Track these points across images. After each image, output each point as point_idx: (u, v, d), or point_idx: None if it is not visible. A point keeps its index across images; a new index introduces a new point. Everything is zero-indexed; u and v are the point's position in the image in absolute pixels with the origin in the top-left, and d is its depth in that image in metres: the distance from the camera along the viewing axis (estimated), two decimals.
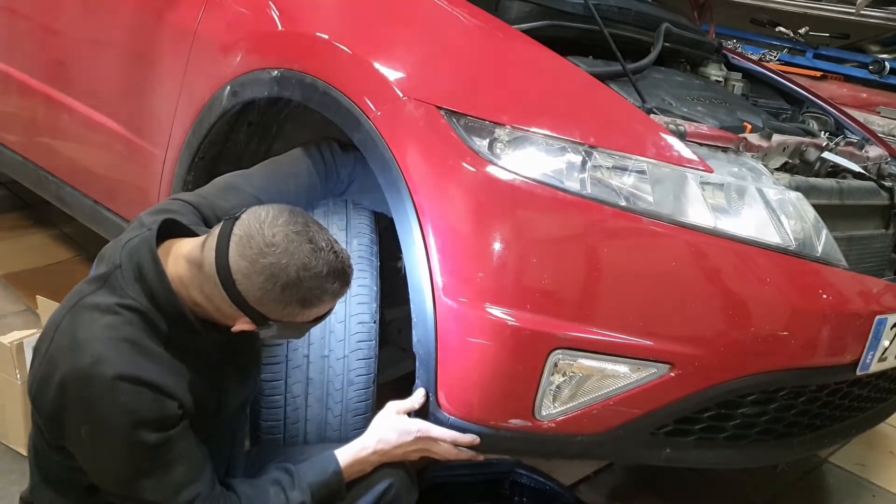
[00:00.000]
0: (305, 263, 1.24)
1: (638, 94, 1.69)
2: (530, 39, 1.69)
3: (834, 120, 2.25)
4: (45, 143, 2.54)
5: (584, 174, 1.42)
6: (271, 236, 1.24)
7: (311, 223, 1.29)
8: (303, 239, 1.25)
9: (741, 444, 1.60)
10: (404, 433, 1.45)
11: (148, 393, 1.21)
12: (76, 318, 1.25)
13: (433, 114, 1.46)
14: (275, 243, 1.24)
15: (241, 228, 1.25)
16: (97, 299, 1.26)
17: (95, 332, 1.22)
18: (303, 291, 1.25)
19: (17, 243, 3.03)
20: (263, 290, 1.24)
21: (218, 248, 1.24)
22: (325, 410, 1.57)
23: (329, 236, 1.30)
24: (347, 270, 1.31)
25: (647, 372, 1.43)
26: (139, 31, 2.08)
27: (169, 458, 1.24)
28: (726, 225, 1.46)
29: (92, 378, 1.19)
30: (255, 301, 1.25)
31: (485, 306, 1.38)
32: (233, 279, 1.24)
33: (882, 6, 4.60)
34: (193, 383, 1.29)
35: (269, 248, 1.23)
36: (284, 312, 1.27)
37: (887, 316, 1.62)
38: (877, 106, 4.30)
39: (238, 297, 1.24)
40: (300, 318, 1.30)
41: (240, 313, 1.27)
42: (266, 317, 1.27)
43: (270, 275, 1.23)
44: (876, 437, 2.51)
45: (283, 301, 1.25)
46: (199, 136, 1.84)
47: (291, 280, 1.24)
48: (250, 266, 1.23)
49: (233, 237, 1.24)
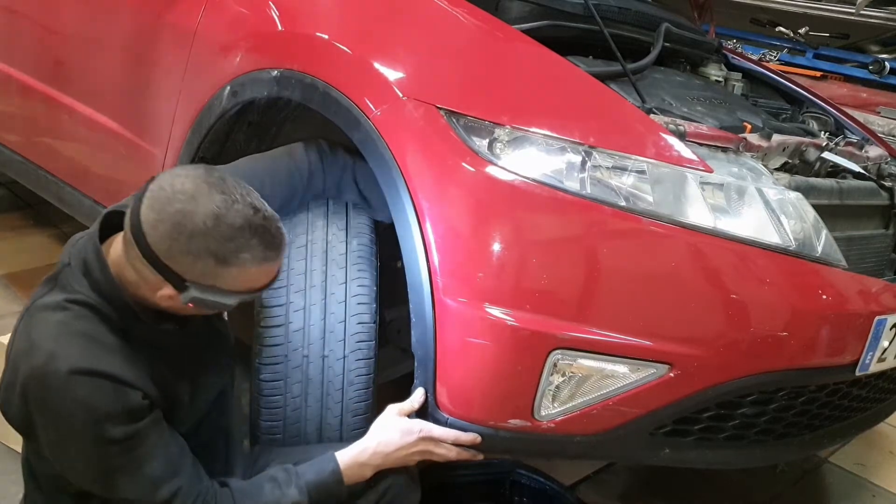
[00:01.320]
0: (214, 211, 1.18)
1: (638, 94, 1.69)
2: (530, 39, 1.69)
3: (834, 120, 2.25)
4: (45, 143, 2.55)
5: (584, 174, 1.42)
6: (180, 185, 1.20)
7: (229, 179, 1.24)
8: (214, 189, 1.20)
9: (741, 444, 1.60)
10: (406, 434, 1.44)
11: (107, 385, 1.18)
12: (31, 320, 1.24)
13: (433, 114, 1.46)
14: (183, 191, 1.19)
15: (154, 185, 1.22)
16: (48, 299, 1.25)
17: (48, 331, 1.20)
18: (214, 244, 1.19)
19: (17, 243, 3.03)
20: (171, 239, 1.18)
21: (132, 209, 1.21)
22: (325, 410, 1.57)
23: (255, 197, 1.24)
24: (272, 230, 1.24)
25: (646, 372, 1.43)
26: (139, 31, 2.08)
27: (141, 453, 1.21)
28: (726, 225, 1.46)
29: (47, 376, 1.17)
30: (166, 254, 1.19)
31: (484, 306, 1.38)
32: (142, 231, 1.19)
33: (882, 6, 4.60)
34: (158, 374, 1.26)
35: (175, 195, 1.19)
36: (198, 270, 1.20)
37: (887, 316, 1.62)
38: (877, 106, 4.30)
39: (149, 252, 1.19)
40: (221, 281, 1.22)
41: (158, 276, 1.21)
42: (181, 276, 1.20)
43: (176, 223, 1.18)
44: (876, 437, 2.51)
45: (192, 253, 1.19)
46: (198, 136, 1.84)
47: (198, 229, 1.18)
48: (157, 216, 1.19)
49: (145, 195, 1.21)
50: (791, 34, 4.99)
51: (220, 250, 1.20)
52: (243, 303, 1.30)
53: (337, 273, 1.58)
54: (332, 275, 1.57)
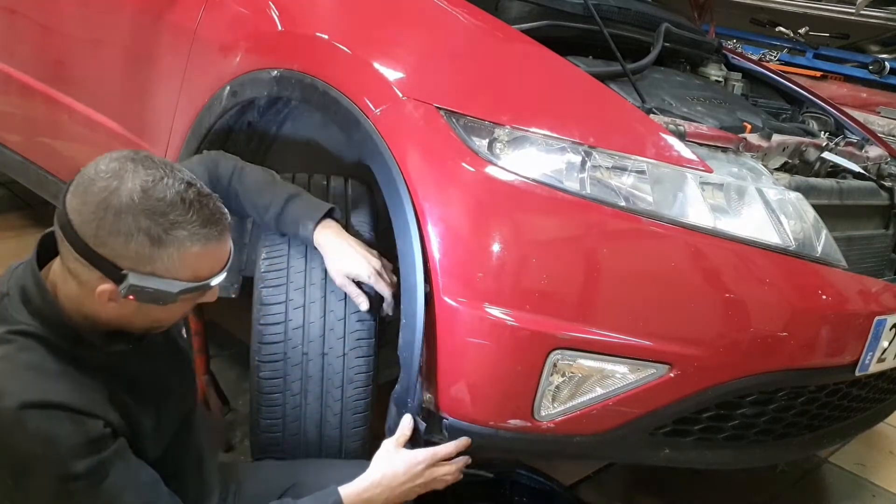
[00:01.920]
0: (141, 185, 1.09)
1: (638, 94, 1.69)
2: (530, 39, 1.69)
3: (834, 120, 2.25)
4: (45, 143, 2.55)
5: (584, 174, 1.42)
6: (104, 165, 1.12)
7: (156, 158, 1.15)
8: (140, 165, 1.11)
9: (740, 444, 1.60)
10: (412, 465, 1.40)
11: (62, 415, 1.08)
12: None
13: (433, 114, 1.46)
14: (107, 170, 1.11)
15: (79, 173, 1.13)
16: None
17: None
18: (145, 221, 1.09)
19: (17, 243, 3.02)
20: (97, 219, 1.08)
21: (59, 202, 1.13)
22: (325, 408, 1.57)
23: (186, 173, 1.15)
24: (209, 205, 1.14)
25: (646, 372, 1.43)
26: (139, 31, 2.08)
27: (108, 486, 1.11)
28: (726, 225, 1.46)
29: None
30: (95, 240, 1.09)
31: (484, 306, 1.38)
32: (68, 219, 1.10)
33: (882, 6, 4.59)
34: (118, 401, 1.17)
35: (98, 175, 1.10)
36: (132, 253, 1.10)
37: (886, 317, 1.62)
38: (877, 106, 4.30)
39: (77, 240, 1.10)
40: (160, 265, 1.11)
41: (93, 270, 1.11)
42: (115, 264, 1.10)
43: (101, 200, 1.09)
44: (876, 437, 2.51)
45: (122, 233, 1.09)
46: (198, 136, 1.84)
47: (125, 204, 1.09)
48: (81, 199, 1.10)
49: (70, 184, 1.12)
50: (791, 34, 4.99)
51: (153, 227, 1.10)
52: (194, 298, 1.19)
53: None
54: None
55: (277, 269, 1.57)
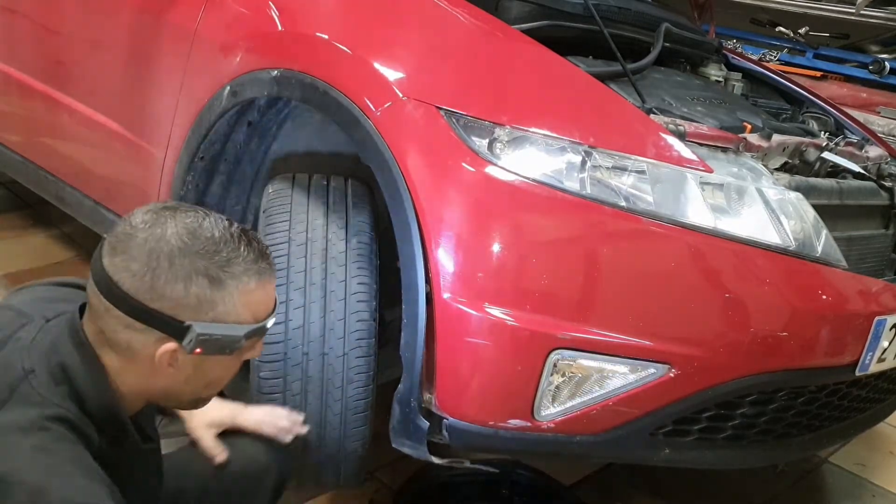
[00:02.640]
0: (187, 227, 1.04)
1: (638, 94, 1.69)
2: (530, 39, 1.69)
3: (834, 120, 2.25)
4: (45, 143, 2.55)
5: (584, 174, 1.42)
6: (138, 219, 1.05)
7: (188, 205, 1.10)
8: (177, 212, 1.06)
9: (740, 444, 1.60)
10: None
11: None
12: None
13: (433, 114, 1.46)
14: (143, 221, 1.04)
15: (106, 238, 1.06)
16: (11, 418, 0.99)
17: (23, 462, 0.95)
18: (199, 261, 1.03)
19: (17, 243, 3.02)
20: (150, 271, 1.01)
21: (93, 269, 1.05)
22: (325, 408, 1.57)
23: (221, 215, 1.10)
24: (254, 238, 1.10)
25: (646, 372, 1.43)
26: (139, 31, 2.08)
27: None
28: (726, 225, 1.46)
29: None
30: (150, 295, 1.01)
31: (484, 306, 1.38)
32: (114, 282, 1.02)
33: (882, 6, 4.59)
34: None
35: (136, 229, 1.03)
36: (192, 300, 1.03)
37: (886, 317, 1.62)
38: (877, 106, 4.29)
39: (130, 301, 1.01)
40: (222, 309, 1.05)
41: (149, 332, 1.03)
42: (176, 318, 1.03)
43: (150, 251, 1.02)
44: (876, 437, 2.51)
45: (180, 279, 1.02)
46: (198, 136, 1.84)
47: (176, 248, 1.02)
48: (125, 255, 1.02)
49: (101, 249, 1.05)
50: (791, 34, 4.99)
51: (210, 267, 1.04)
52: (252, 346, 1.13)
53: (337, 271, 1.58)
54: (332, 272, 1.58)
55: (277, 270, 1.57)
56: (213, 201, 1.94)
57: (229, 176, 1.93)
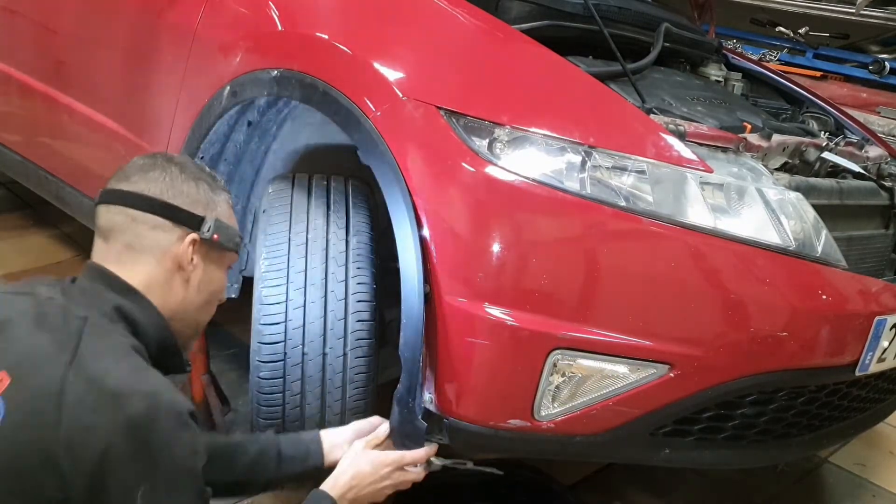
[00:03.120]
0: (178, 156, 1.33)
1: (638, 94, 1.69)
2: (530, 39, 1.69)
3: (834, 120, 2.25)
4: (45, 143, 2.55)
5: (584, 174, 1.42)
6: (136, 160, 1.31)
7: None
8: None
9: (740, 444, 1.60)
10: (379, 466, 1.43)
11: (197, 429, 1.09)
12: (88, 373, 1.04)
13: (433, 114, 1.46)
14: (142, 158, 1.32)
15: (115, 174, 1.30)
16: (96, 348, 1.07)
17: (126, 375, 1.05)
18: (197, 171, 1.29)
19: (17, 243, 3.02)
20: (167, 175, 1.25)
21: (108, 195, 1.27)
22: (325, 408, 1.57)
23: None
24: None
25: (646, 372, 1.43)
26: (139, 31, 2.08)
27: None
28: (726, 225, 1.46)
29: (155, 422, 1.02)
30: (170, 193, 1.24)
31: (484, 306, 1.38)
32: (136, 192, 1.24)
33: (882, 6, 4.59)
34: None
35: (138, 160, 1.30)
36: (202, 196, 1.27)
37: (886, 316, 1.62)
38: (877, 106, 4.29)
39: (153, 202, 1.23)
40: (221, 212, 1.29)
41: (171, 227, 1.23)
42: (192, 212, 1.25)
43: (161, 165, 1.27)
44: (876, 437, 2.51)
45: (191, 179, 1.27)
46: (198, 136, 1.84)
47: (179, 161, 1.29)
48: (139, 174, 1.26)
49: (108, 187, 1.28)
50: (791, 34, 4.99)
51: (205, 177, 1.29)
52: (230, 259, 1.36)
53: (337, 270, 1.58)
54: (332, 272, 1.58)
55: (277, 269, 1.57)
56: None
57: (229, 176, 1.93)
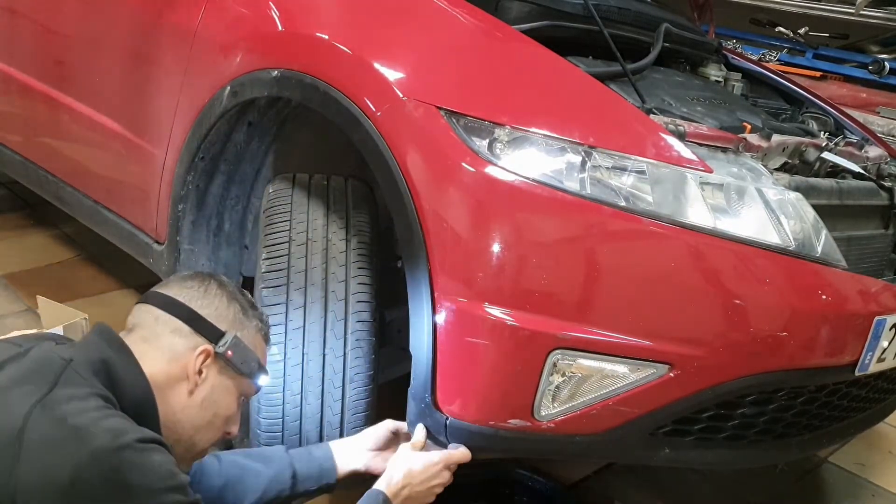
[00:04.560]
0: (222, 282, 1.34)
1: (638, 94, 1.69)
2: (530, 39, 1.69)
3: (833, 120, 2.25)
4: (45, 143, 2.55)
5: (584, 174, 1.42)
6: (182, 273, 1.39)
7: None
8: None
9: (740, 444, 1.60)
10: (429, 465, 1.44)
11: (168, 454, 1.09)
12: (54, 412, 1.05)
13: (433, 114, 1.46)
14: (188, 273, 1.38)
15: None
16: (66, 392, 1.08)
17: (94, 414, 1.06)
18: (238, 295, 1.32)
19: (17, 243, 3.03)
20: (202, 286, 1.29)
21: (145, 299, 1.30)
22: (325, 408, 1.57)
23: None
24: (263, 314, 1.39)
25: (646, 372, 1.43)
26: (139, 31, 2.08)
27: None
28: (726, 225, 1.46)
29: (120, 451, 1.03)
30: (199, 303, 1.27)
31: (484, 306, 1.39)
32: (169, 296, 1.27)
33: (882, 6, 4.60)
34: None
35: (185, 278, 1.34)
36: (231, 313, 1.29)
37: (886, 316, 1.62)
38: (877, 106, 4.30)
39: (182, 308, 1.26)
40: (247, 335, 1.30)
41: (191, 334, 1.25)
42: (215, 326, 1.27)
43: (201, 280, 1.31)
44: (876, 437, 2.51)
45: (225, 296, 1.30)
46: (199, 136, 1.84)
47: (218, 279, 1.33)
48: (180, 284, 1.31)
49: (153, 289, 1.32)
50: (791, 34, 4.99)
51: (243, 301, 1.32)
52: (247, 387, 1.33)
53: (337, 271, 1.58)
54: (332, 272, 1.58)
55: (278, 270, 1.57)
56: (213, 201, 1.94)
57: (229, 176, 1.93)
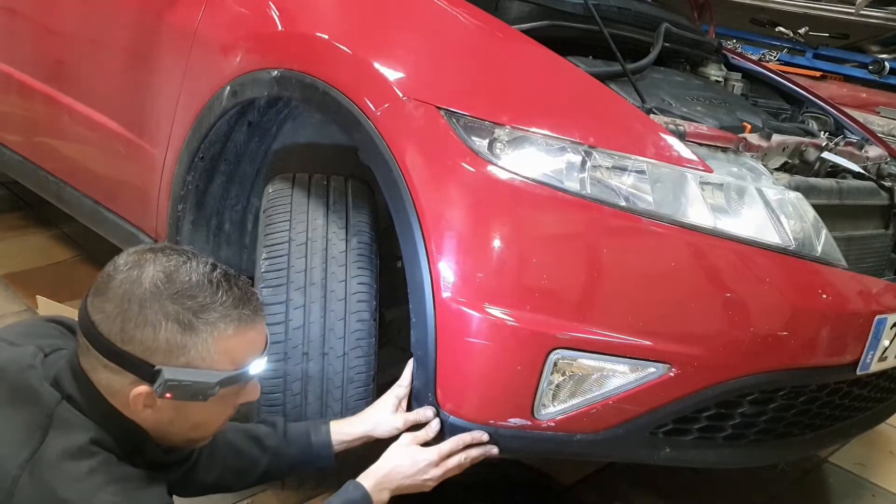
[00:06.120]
0: (164, 270, 1.04)
1: (638, 94, 1.69)
2: (530, 39, 1.69)
3: (834, 120, 2.25)
4: (45, 143, 2.55)
5: (584, 174, 1.42)
6: (122, 259, 1.06)
7: (177, 247, 1.11)
8: (159, 254, 1.07)
9: (740, 443, 1.60)
10: (418, 462, 1.42)
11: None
12: (44, 477, 0.99)
13: (433, 114, 1.46)
14: (125, 263, 1.05)
15: (99, 274, 1.08)
16: (58, 446, 1.01)
17: (85, 486, 1.00)
18: (172, 306, 1.03)
19: (17, 243, 3.02)
20: (121, 313, 1.02)
21: (80, 305, 1.08)
22: (325, 408, 1.57)
23: (211, 259, 1.10)
24: (239, 284, 1.09)
25: (646, 371, 1.43)
26: (139, 31, 2.08)
27: None
28: (726, 225, 1.46)
29: None
30: (121, 337, 1.03)
31: (484, 306, 1.39)
32: (91, 321, 1.04)
33: (882, 6, 4.60)
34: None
35: (116, 270, 1.05)
36: (162, 344, 1.03)
37: (887, 316, 1.62)
38: (877, 106, 4.30)
39: (102, 342, 1.03)
40: (195, 354, 1.05)
41: (122, 373, 1.04)
42: (145, 361, 1.03)
43: (123, 293, 1.03)
44: (876, 437, 2.51)
45: (150, 323, 1.02)
46: (198, 136, 1.84)
47: (148, 292, 1.02)
48: (102, 297, 1.04)
49: (91, 287, 1.08)
50: (791, 34, 5.00)
51: (181, 313, 1.03)
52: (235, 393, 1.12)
53: (337, 270, 1.58)
54: (332, 272, 1.58)
55: (277, 269, 1.57)
56: (213, 201, 1.94)
57: (229, 176, 1.93)
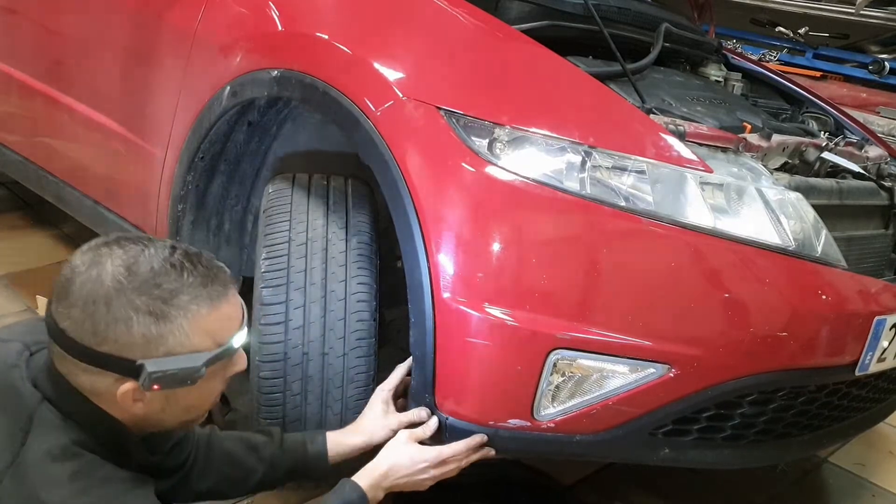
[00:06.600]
0: (123, 264, 1.02)
1: (638, 94, 1.69)
2: (530, 39, 1.69)
3: (834, 120, 2.25)
4: (45, 143, 2.55)
5: (584, 174, 1.42)
6: (78, 259, 1.03)
7: (131, 235, 1.08)
8: (114, 247, 1.04)
9: (740, 444, 1.60)
10: (416, 462, 1.42)
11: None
12: (27, 482, 0.99)
13: (433, 114, 1.46)
14: (81, 263, 1.03)
15: (55, 281, 1.05)
16: (40, 448, 1.01)
17: (66, 491, 0.99)
18: (139, 299, 1.01)
19: (17, 243, 3.02)
20: (90, 317, 1.00)
21: (45, 313, 1.05)
22: (325, 408, 1.57)
23: (168, 241, 1.08)
24: (202, 262, 1.07)
25: (645, 372, 1.43)
26: (139, 31, 2.08)
27: None
28: (726, 225, 1.46)
29: None
30: (95, 339, 1.01)
31: (484, 306, 1.39)
32: (60, 329, 1.01)
33: (882, 6, 4.60)
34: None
35: (74, 272, 1.02)
36: (139, 339, 1.01)
37: (886, 316, 1.62)
38: (877, 106, 4.30)
39: (77, 348, 1.01)
40: (174, 342, 1.03)
41: (105, 373, 1.02)
42: (125, 358, 1.01)
43: (86, 295, 1.00)
44: (876, 437, 2.51)
45: (121, 321, 1.00)
46: (198, 136, 1.84)
47: (111, 289, 1.00)
48: (66, 302, 1.01)
49: (51, 297, 1.05)
50: (791, 34, 5.00)
51: (150, 303, 1.01)
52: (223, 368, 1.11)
53: (337, 270, 1.58)
54: (332, 272, 1.58)
55: (277, 269, 1.57)
56: (213, 201, 1.94)
57: (229, 176, 1.93)
